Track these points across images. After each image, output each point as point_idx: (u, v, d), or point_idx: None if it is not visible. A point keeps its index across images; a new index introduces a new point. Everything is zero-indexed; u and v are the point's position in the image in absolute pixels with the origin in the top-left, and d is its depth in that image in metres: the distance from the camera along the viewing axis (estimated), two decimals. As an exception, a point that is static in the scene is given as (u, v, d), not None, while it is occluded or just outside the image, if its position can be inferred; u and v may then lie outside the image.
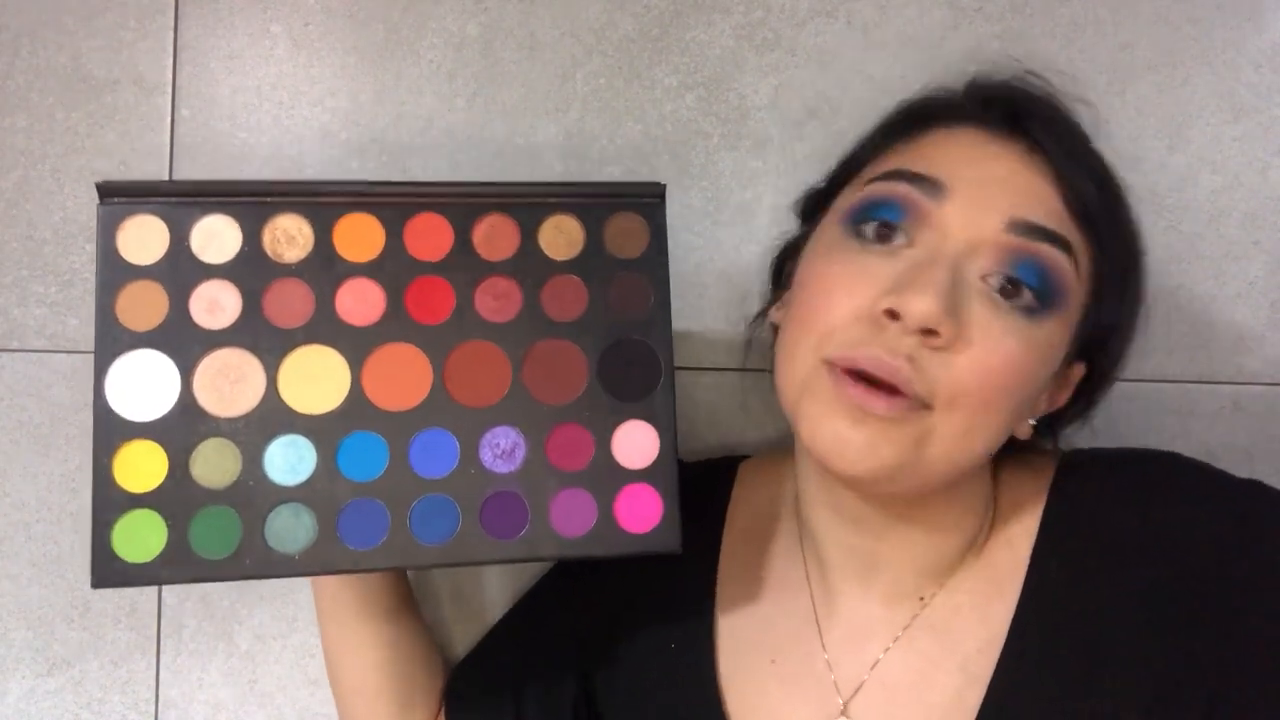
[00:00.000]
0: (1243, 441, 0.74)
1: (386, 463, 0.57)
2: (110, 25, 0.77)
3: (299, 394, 0.57)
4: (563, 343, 0.59)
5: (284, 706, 0.80)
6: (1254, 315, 0.74)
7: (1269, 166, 0.74)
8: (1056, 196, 0.54)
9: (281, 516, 0.56)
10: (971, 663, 0.56)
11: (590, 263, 0.60)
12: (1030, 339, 0.53)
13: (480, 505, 0.57)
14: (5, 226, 0.78)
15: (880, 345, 0.52)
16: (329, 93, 0.77)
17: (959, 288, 0.52)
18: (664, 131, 0.76)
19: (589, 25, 0.76)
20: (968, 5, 0.75)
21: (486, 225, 0.60)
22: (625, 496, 0.58)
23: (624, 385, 0.59)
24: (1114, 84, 0.74)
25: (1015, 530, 0.59)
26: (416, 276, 0.59)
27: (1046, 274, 0.53)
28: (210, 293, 0.57)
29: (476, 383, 0.58)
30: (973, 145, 0.57)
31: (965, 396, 0.52)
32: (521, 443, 0.58)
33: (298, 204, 0.58)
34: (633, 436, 0.58)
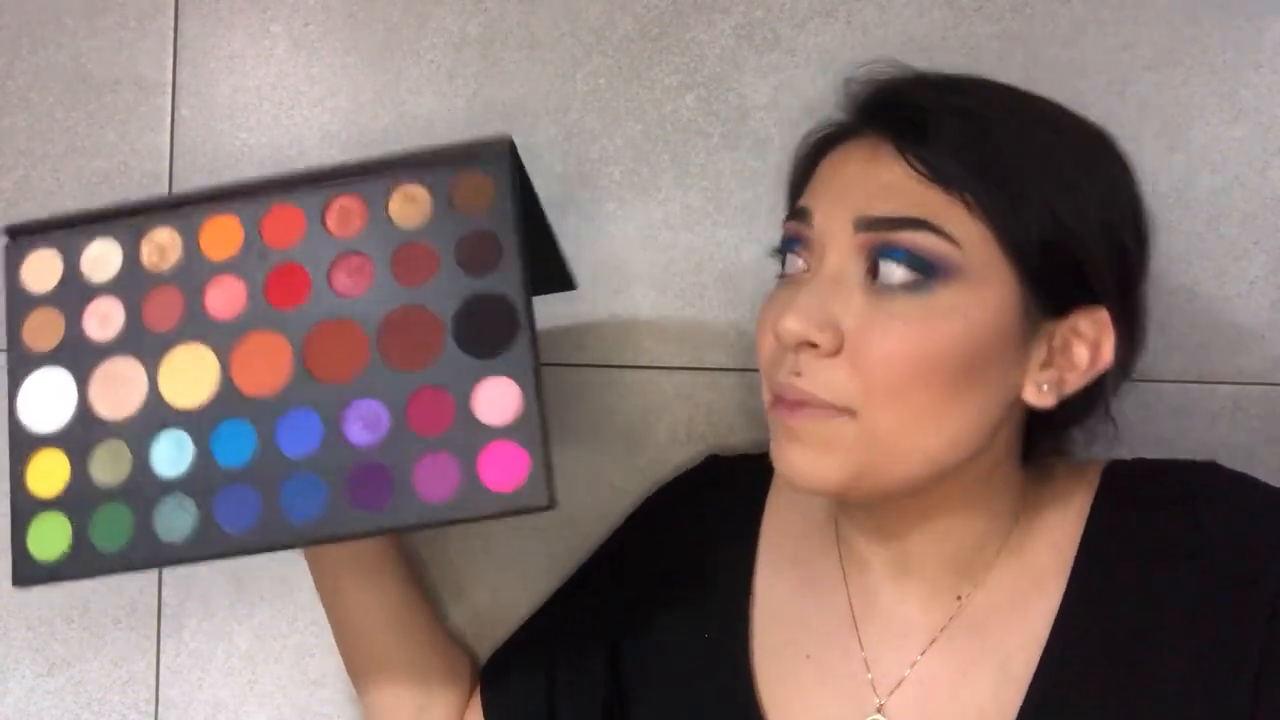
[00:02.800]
0: (1243, 441, 0.74)
1: (255, 446, 0.59)
2: (110, 25, 0.77)
3: (176, 390, 0.60)
4: (416, 308, 0.59)
5: (284, 706, 0.80)
6: (1254, 315, 0.74)
7: (1269, 166, 0.74)
8: (906, 174, 0.54)
9: (167, 507, 0.59)
10: (1011, 661, 0.57)
11: (441, 226, 0.60)
12: (922, 314, 0.52)
13: (347, 479, 0.58)
14: (5, 226, 0.78)
15: (780, 369, 0.55)
16: (329, 93, 0.77)
17: (837, 296, 0.54)
18: (664, 131, 0.76)
19: (589, 25, 0.76)
20: (968, 5, 0.75)
21: (337, 207, 0.61)
22: (489, 455, 0.57)
23: (482, 343, 0.58)
24: (1114, 84, 0.74)
25: (1059, 533, 0.59)
26: (275, 265, 0.61)
27: (911, 254, 0.53)
28: (101, 309, 0.62)
29: (336, 359, 0.59)
30: (838, 158, 0.59)
31: (877, 389, 0.53)
32: (383, 413, 0.58)
33: (166, 216, 0.62)
34: (494, 393, 0.58)
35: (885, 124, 0.56)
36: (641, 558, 0.71)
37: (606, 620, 0.69)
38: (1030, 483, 0.61)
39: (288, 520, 0.58)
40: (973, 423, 0.55)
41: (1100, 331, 0.55)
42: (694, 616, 0.66)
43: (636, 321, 0.77)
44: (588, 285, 0.77)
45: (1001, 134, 0.54)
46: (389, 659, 0.69)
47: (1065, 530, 0.59)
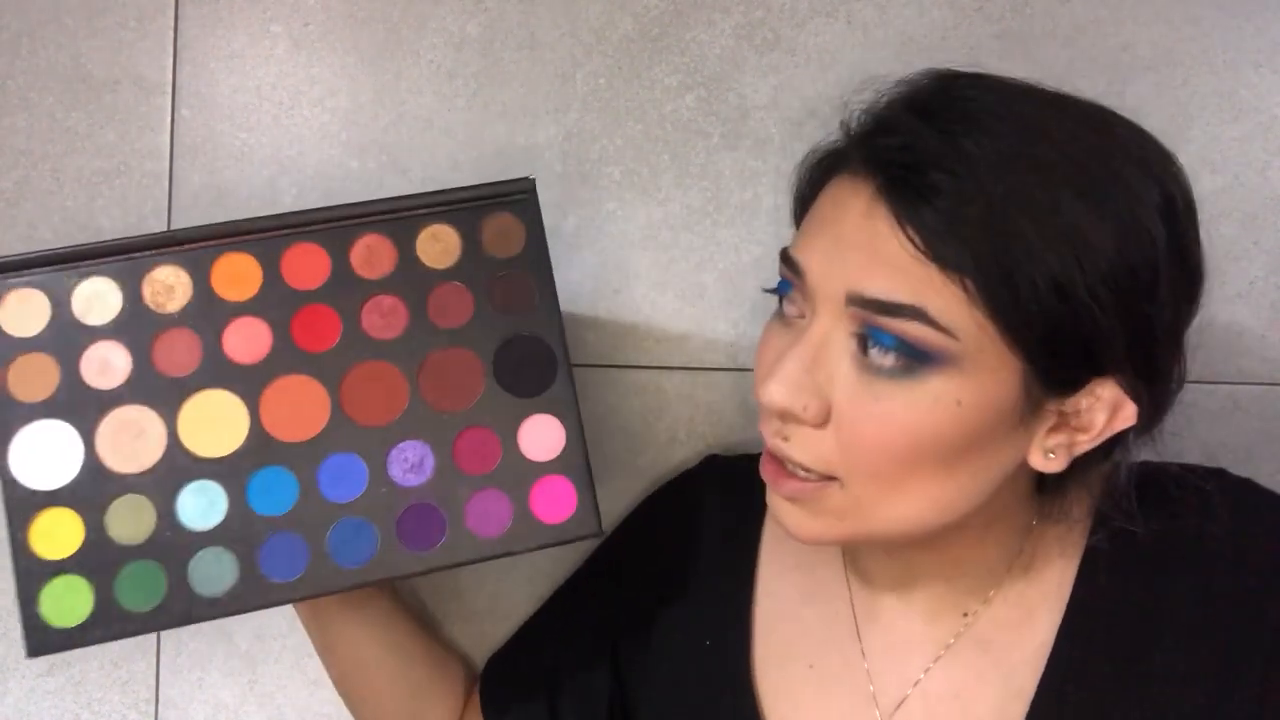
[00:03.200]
0: (1243, 441, 0.74)
1: (297, 493, 0.58)
2: (110, 25, 0.77)
3: (200, 440, 0.58)
4: (455, 349, 0.60)
5: (284, 706, 0.80)
6: (1254, 315, 0.74)
7: (1269, 166, 0.74)
8: (901, 246, 0.48)
9: (203, 561, 0.57)
10: (1016, 675, 0.56)
11: (471, 267, 0.60)
12: (910, 399, 0.49)
13: (396, 521, 0.58)
14: (5, 226, 0.78)
15: (768, 428, 0.54)
16: (329, 93, 0.77)
17: (823, 364, 0.51)
18: (664, 131, 0.76)
19: (589, 25, 0.76)
20: (968, 5, 0.75)
21: (362, 246, 0.60)
22: (539, 489, 0.59)
23: (522, 382, 0.60)
24: (1114, 84, 0.74)
25: (1064, 543, 0.58)
26: (300, 306, 0.59)
27: (901, 341, 0.48)
28: (99, 354, 0.58)
29: (375, 402, 0.59)
30: (833, 202, 0.53)
31: (860, 466, 0.51)
32: (429, 454, 0.59)
33: (170, 254, 0.59)
34: (538, 430, 0.59)
35: (883, 175, 0.49)
36: (640, 559, 0.71)
37: (606, 622, 0.69)
38: (1037, 501, 0.59)
39: (338, 565, 0.57)
40: (968, 491, 0.52)
41: (1119, 397, 0.51)
42: (694, 621, 0.65)
43: (636, 321, 0.77)
44: (587, 285, 0.77)
45: (1005, 198, 0.47)
46: (383, 684, 0.69)
47: (1070, 540, 0.58)
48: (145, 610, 0.56)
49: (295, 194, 0.77)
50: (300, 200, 0.77)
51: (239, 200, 0.77)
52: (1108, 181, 0.48)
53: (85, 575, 0.57)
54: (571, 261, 0.77)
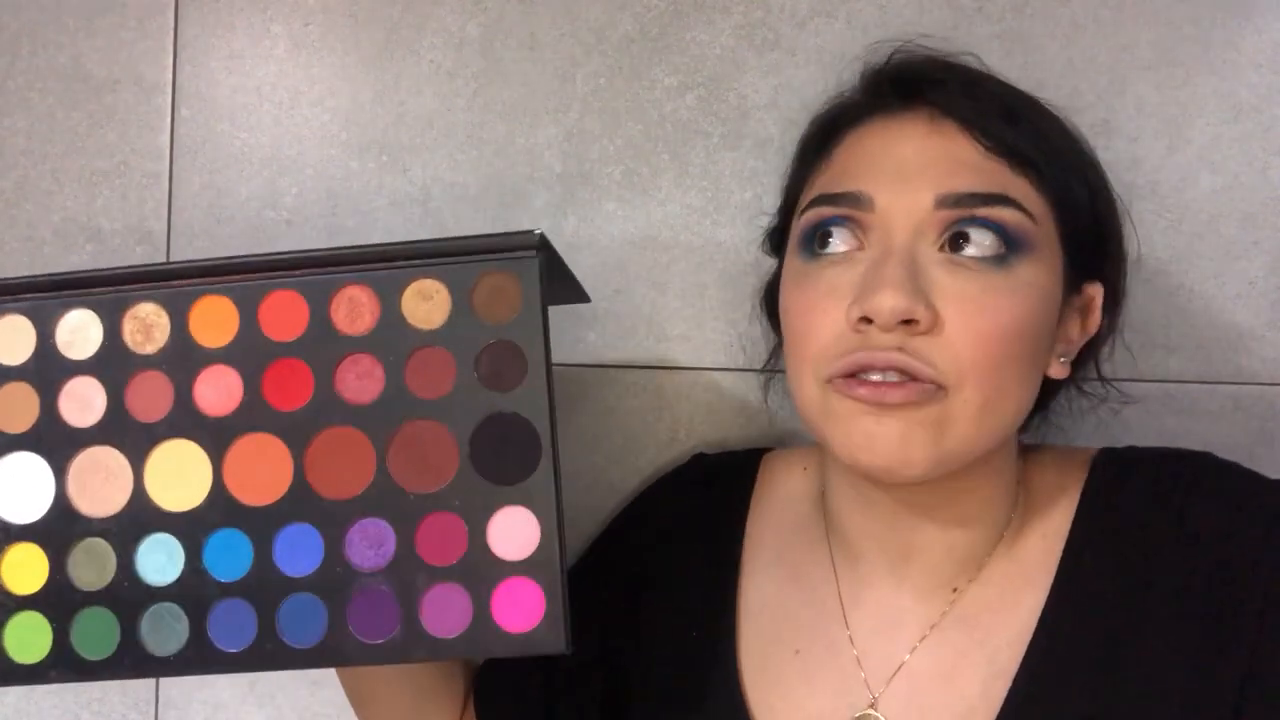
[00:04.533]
0: (1243, 441, 0.74)
1: (251, 561, 0.54)
2: (110, 25, 0.77)
3: (164, 491, 0.55)
4: (430, 423, 0.54)
5: (284, 706, 0.80)
6: (1254, 315, 0.74)
7: (1269, 166, 0.74)
8: (975, 150, 0.54)
9: (156, 617, 0.55)
10: (1000, 655, 0.57)
11: (458, 330, 0.54)
12: (1008, 288, 0.53)
13: (348, 604, 0.54)
14: (5, 226, 0.78)
15: (868, 347, 0.53)
16: (329, 93, 0.77)
17: (920, 271, 0.53)
18: (664, 131, 0.76)
19: (589, 25, 0.76)
20: (968, 5, 0.75)
21: (345, 298, 0.55)
22: (503, 591, 0.53)
23: (499, 467, 0.53)
24: (1114, 84, 0.74)
25: (1049, 523, 0.59)
26: (274, 359, 0.55)
27: (997, 227, 0.53)
28: (78, 390, 0.56)
29: (340, 472, 0.54)
30: (880, 136, 0.57)
31: (973, 368, 0.52)
32: (390, 535, 0.54)
33: (153, 291, 0.56)
34: (510, 524, 0.53)
35: (943, 101, 0.56)
36: (629, 557, 0.71)
37: (598, 620, 0.69)
38: (1023, 470, 0.62)
39: (285, 642, 0.54)
40: (1030, 396, 0.56)
41: (1090, 302, 0.59)
42: (681, 614, 0.66)
43: (636, 321, 0.77)
44: (588, 285, 0.77)
45: (1039, 114, 0.57)
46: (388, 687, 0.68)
47: (1054, 520, 0.59)
48: (97, 659, 0.55)
49: (295, 194, 0.77)
50: (300, 200, 0.77)
51: (239, 200, 0.77)
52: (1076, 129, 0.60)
53: (46, 615, 0.55)
54: (571, 261, 0.77)
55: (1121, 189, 0.74)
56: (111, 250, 0.78)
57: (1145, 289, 0.74)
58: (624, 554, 0.72)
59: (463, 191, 0.77)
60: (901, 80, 0.58)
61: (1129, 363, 0.74)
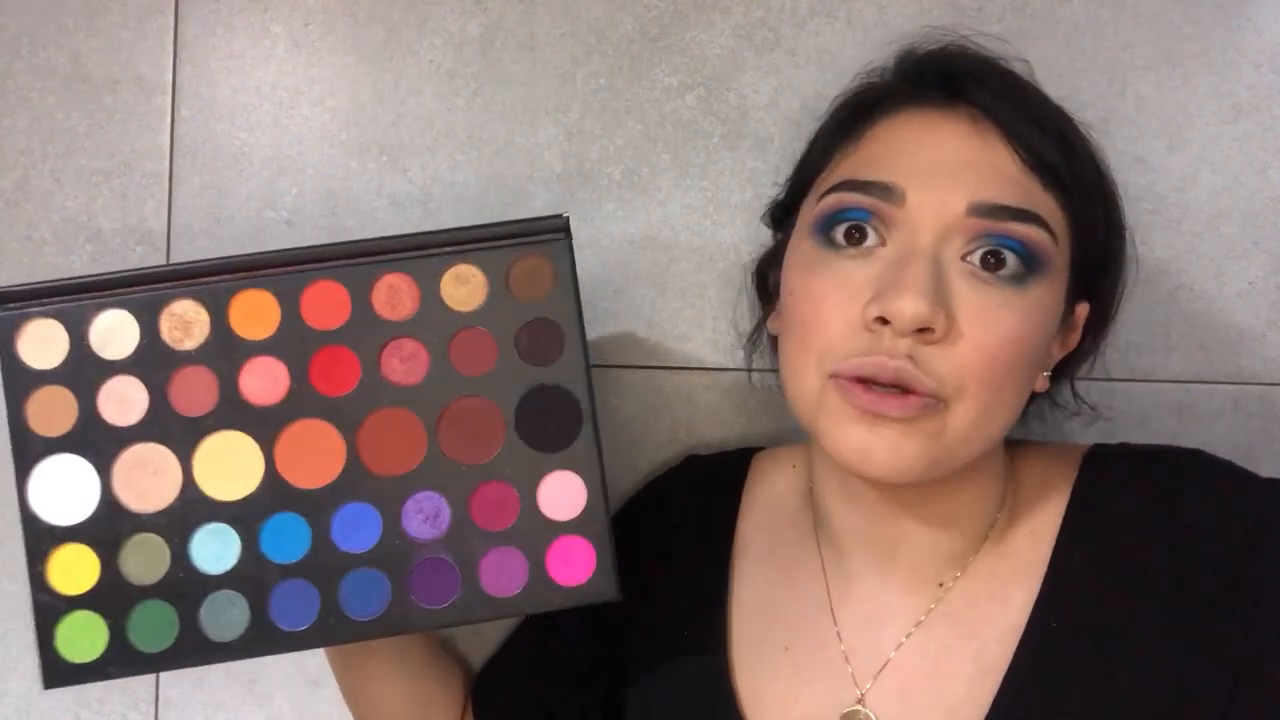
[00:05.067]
0: (1243, 441, 0.74)
1: (310, 542, 0.57)
2: (110, 25, 0.77)
3: (215, 482, 0.57)
4: (476, 399, 0.57)
5: (284, 706, 0.80)
6: (1254, 315, 0.74)
7: (1269, 166, 0.74)
8: (1013, 161, 0.54)
9: (215, 605, 0.56)
10: (987, 651, 0.57)
11: (496, 311, 0.58)
12: (1023, 307, 0.53)
13: (409, 574, 0.56)
14: (5, 226, 0.78)
15: (880, 351, 0.52)
16: (329, 93, 0.77)
17: (941, 277, 0.52)
18: (664, 131, 0.76)
19: (589, 25, 0.76)
20: (968, 5, 0.75)
21: (385, 285, 0.58)
22: (556, 550, 0.57)
23: (544, 435, 0.57)
24: (1114, 84, 0.74)
25: (1038, 520, 0.59)
26: (319, 348, 0.57)
27: (1023, 245, 0.53)
28: (118, 389, 0.57)
29: (392, 451, 0.57)
30: (917, 129, 0.56)
31: (973, 382, 0.52)
32: (444, 507, 0.57)
33: (188, 288, 0.58)
34: (559, 488, 0.57)
35: (988, 104, 0.55)
36: (623, 559, 0.71)
37: (593, 625, 0.69)
38: (1011, 467, 0.62)
39: (349, 616, 0.56)
40: (1018, 411, 0.57)
41: (1076, 320, 0.60)
42: (674, 614, 0.66)
43: (636, 321, 0.77)
44: (587, 285, 0.77)
45: (1074, 133, 0.57)
46: (390, 695, 0.68)
47: (1044, 517, 0.59)
48: (157, 651, 0.56)
49: (295, 194, 0.77)
50: (300, 200, 0.77)
51: (239, 200, 0.77)
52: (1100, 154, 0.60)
53: (100, 612, 0.56)
54: (571, 261, 0.77)
55: (1121, 189, 0.74)
56: (111, 250, 0.78)
57: (1145, 289, 0.74)
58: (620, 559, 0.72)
59: (463, 191, 0.77)
60: (947, 74, 0.57)
61: (1129, 363, 0.74)
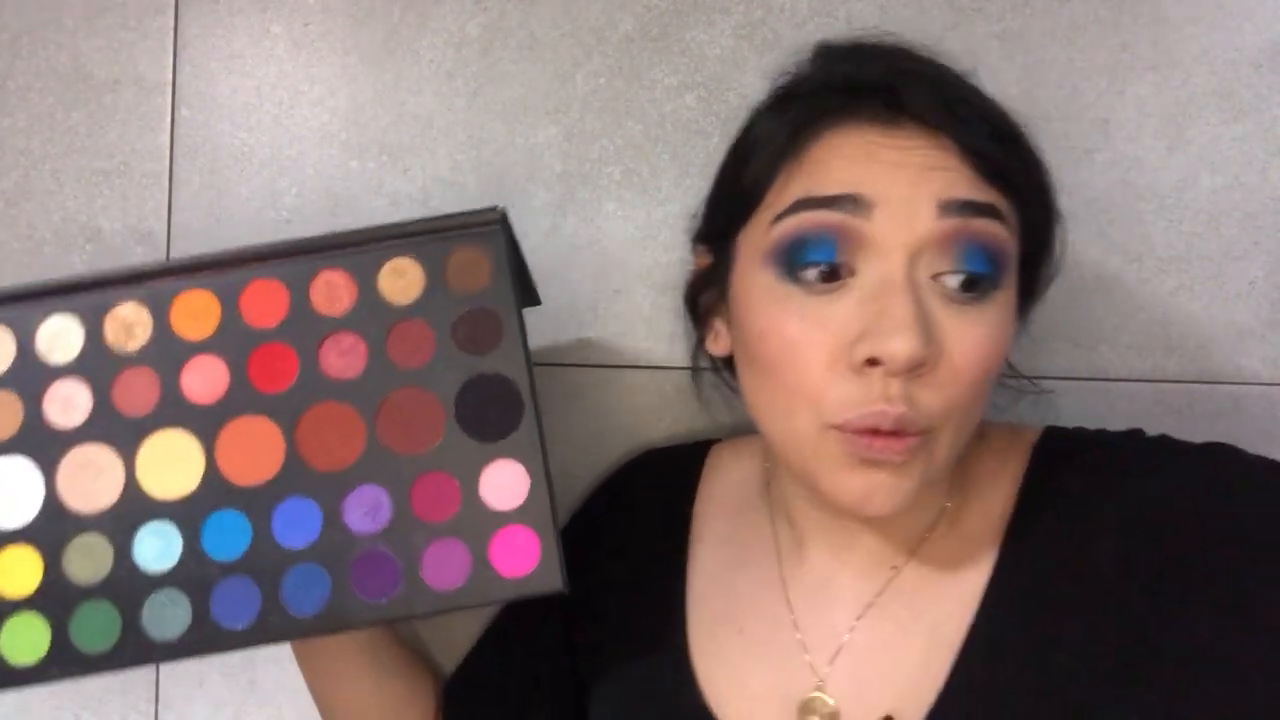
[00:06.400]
0: (1243, 442, 0.74)
1: (250, 538, 0.56)
2: (110, 25, 0.77)
3: (157, 480, 0.57)
4: (415, 390, 0.57)
5: (284, 706, 0.80)
6: (1254, 315, 0.74)
7: (1269, 166, 0.74)
8: (966, 165, 0.53)
9: (156, 603, 0.56)
10: (941, 628, 0.57)
11: (434, 303, 0.58)
12: (994, 319, 0.53)
13: (350, 569, 0.56)
14: (5, 226, 0.78)
15: (879, 399, 0.51)
16: (329, 93, 0.77)
17: (922, 305, 0.51)
18: (664, 131, 0.76)
19: (589, 25, 0.76)
20: (967, 5, 0.75)
21: (323, 282, 0.58)
22: (500, 540, 0.56)
23: (485, 425, 0.57)
24: (1114, 84, 0.74)
25: (992, 500, 0.59)
26: (257, 345, 0.58)
27: (991, 252, 0.52)
28: (63, 392, 0.58)
29: (331, 445, 0.57)
30: (871, 141, 0.54)
31: (958, 407, 0.52)
32: (385, 500, 0.56)
33: (130, 291, 0.58)
34: (501, 477, 0.56)
35: (932, 112, 0.53)
36: (585, 555, 0.71)
37: (560, 623, 0.69)
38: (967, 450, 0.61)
39: (290, 613, 0.55)
40: None
41: None
42: (633, 604, 0.66)
43: (636, 321, 0.77)
44: (588, 285, 0.77)
45: (1017, 133, 0.56)
46: (361, 697, 0.68)
47: (997, 498, 0.59)
48: (99, 651, 0.56)
49: (295, 194, 0.77)
50: (300, 200, 0.77)
51: (239, 200, 0.77)
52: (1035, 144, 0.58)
53: (43, 614, 0.56)
54: (571, 261, 0.77)
55: (1122, 189, 0.74)
56: (111, 250, 0.78)
57: (1145, 289, 0.74)
58: (580, 553, 0.72)
59: (463, 191, 0.77)
60: (888, 83, 0.55)
61: (1129, 363, 0.74)
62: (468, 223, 0.58)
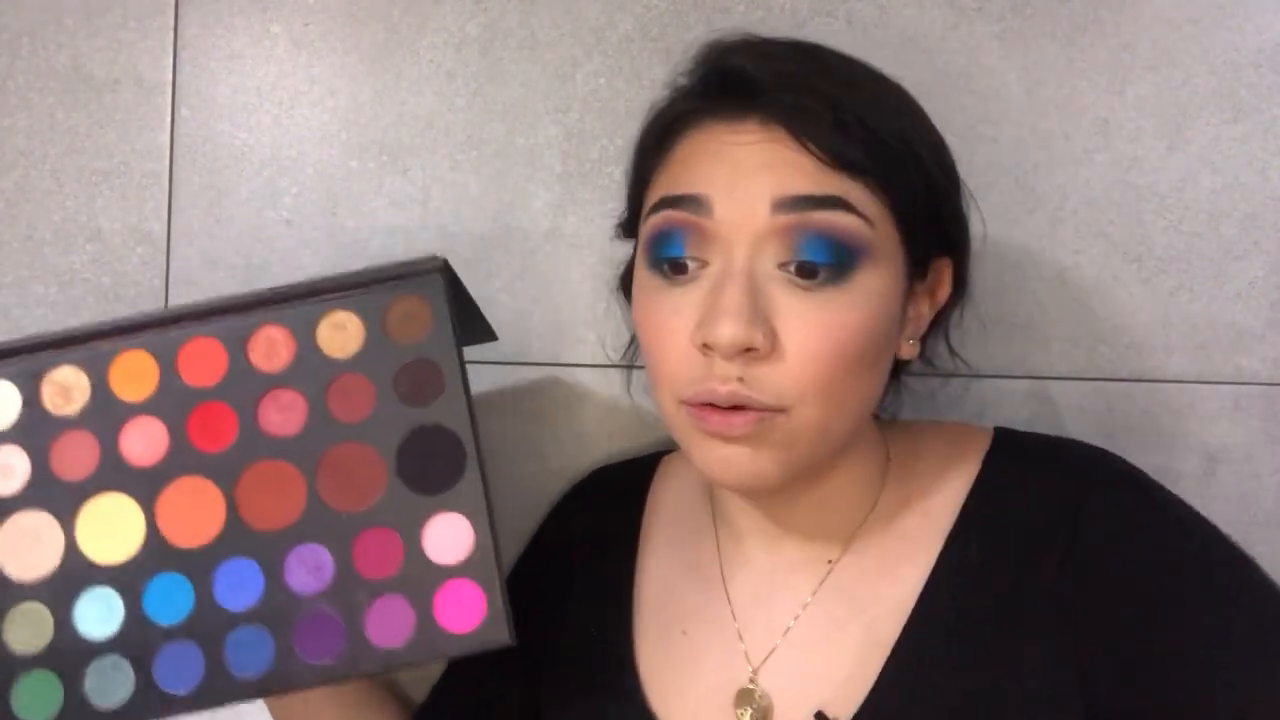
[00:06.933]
0: (1243, 441, 0.74)
1: (193, 602, 0.55)
2: (110, 25, 0.77)
3: (98, 545, 0.56)
4: (355, 445, 0.56)
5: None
6: (1254, 315, 0.74)
7: (1269, 166, 0.74)
8: (809, 157, 0.53)
9: (99, 671, 0.55)
10: (878, 625, 0.57)
11: (374, 355, 0.57)
12: (847, 304, 0.53)
13: (293, 630, 0.55)
14: (5, 226, 0.78)
15: (713, 377, 0.53)
16: (329, 93, 0.77)
17: (759, 292, 0.53)
18: (664, 131, 0.76)
19: (589, 25, 0.76)
20: (968, 5, 0.75)
21: (262, 338, 0.58)
22: (444, 595, 0.55)
23: (427, 478, 0.56)
24: (1114, 84, 0.74)
25: (934, 501, 0.60)
26: (196, 404, 0.57)
27: (833, 241, 0.53)
28: (1, 459, 0.57)
29: (272, 503, 0.56)
30: (717, 139, 0.56)
31: (812, 388, 0.53)
32: (327, 558, 0.55)
33: (67, 354, 0.58)
34: (444, 530, 0.56)
35: (773, 110, 0.54)
36: (540, 574, 0.72)
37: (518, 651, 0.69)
38: (897, 442, 0.63)
39: (234, 676, 0.54)
40: (873, 394, 0.57)
41: (939, 277, 0.60)
42: (584, 615, 0.67)
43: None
44: (587, 285, 0.77)
45: (871, 107, 0.55)
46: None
47: (941, 499, 0.59)
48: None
49: (295, 194, 0.77)
50: (300, 200, 0.77)
51: (239, 200, 0.77)
52: (913, 103, 0.59)
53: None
54: (571, 261, 0.77)
55: (1122, 189, 0.74)
56: (111, 250, 0.78)
57: (1145, 289, 0.74)
58: (535, 572, 0.73)
59: (463, 191, 0.77)
60: (736, 82, 0.56)
61: (1129, 363, 0.74)
62: (407, 272, 0.58)
